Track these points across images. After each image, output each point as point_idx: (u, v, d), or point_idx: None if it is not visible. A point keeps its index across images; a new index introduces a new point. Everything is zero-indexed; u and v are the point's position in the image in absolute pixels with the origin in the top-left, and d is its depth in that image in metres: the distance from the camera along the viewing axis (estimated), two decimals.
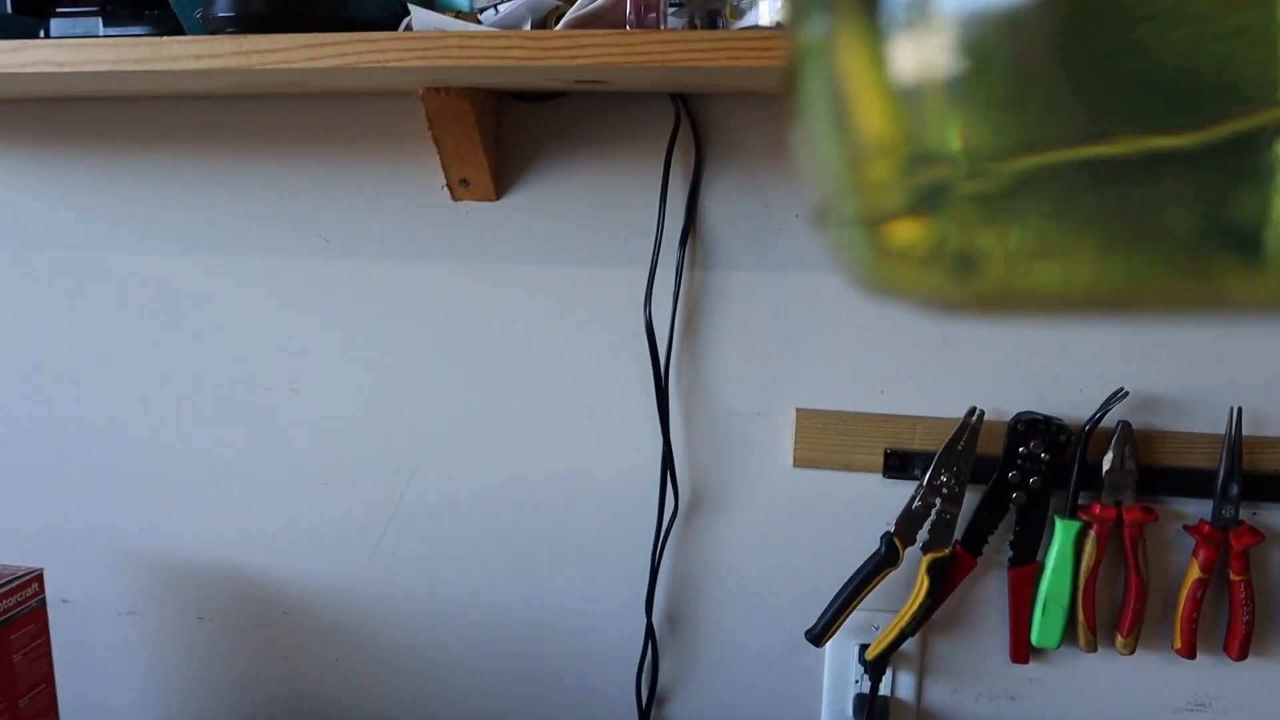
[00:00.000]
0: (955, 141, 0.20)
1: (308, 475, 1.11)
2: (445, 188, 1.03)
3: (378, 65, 0.73)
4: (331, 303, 1.07)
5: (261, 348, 1.09)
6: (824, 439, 1.01)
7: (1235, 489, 0.96)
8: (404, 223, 1.04)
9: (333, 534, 1.12)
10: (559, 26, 0.73)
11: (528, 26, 0.74)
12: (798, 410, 1.01)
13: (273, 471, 1.11)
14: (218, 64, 0.76)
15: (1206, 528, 0.96)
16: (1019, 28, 0.18)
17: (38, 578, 1.02)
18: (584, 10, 0.72)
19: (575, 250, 1.02)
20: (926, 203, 0.21)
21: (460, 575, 1.10)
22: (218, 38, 0.75)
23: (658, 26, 0.72)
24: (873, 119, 0.22)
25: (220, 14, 0.76)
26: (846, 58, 0.22)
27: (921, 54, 0.20)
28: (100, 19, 0.97)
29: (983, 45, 0.19)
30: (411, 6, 0.77)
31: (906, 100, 0.20)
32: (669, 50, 0.68)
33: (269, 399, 1.10)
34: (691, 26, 0.76)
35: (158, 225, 1.09)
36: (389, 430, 1.09)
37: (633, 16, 0.72)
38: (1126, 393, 0.97)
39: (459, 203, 1.03)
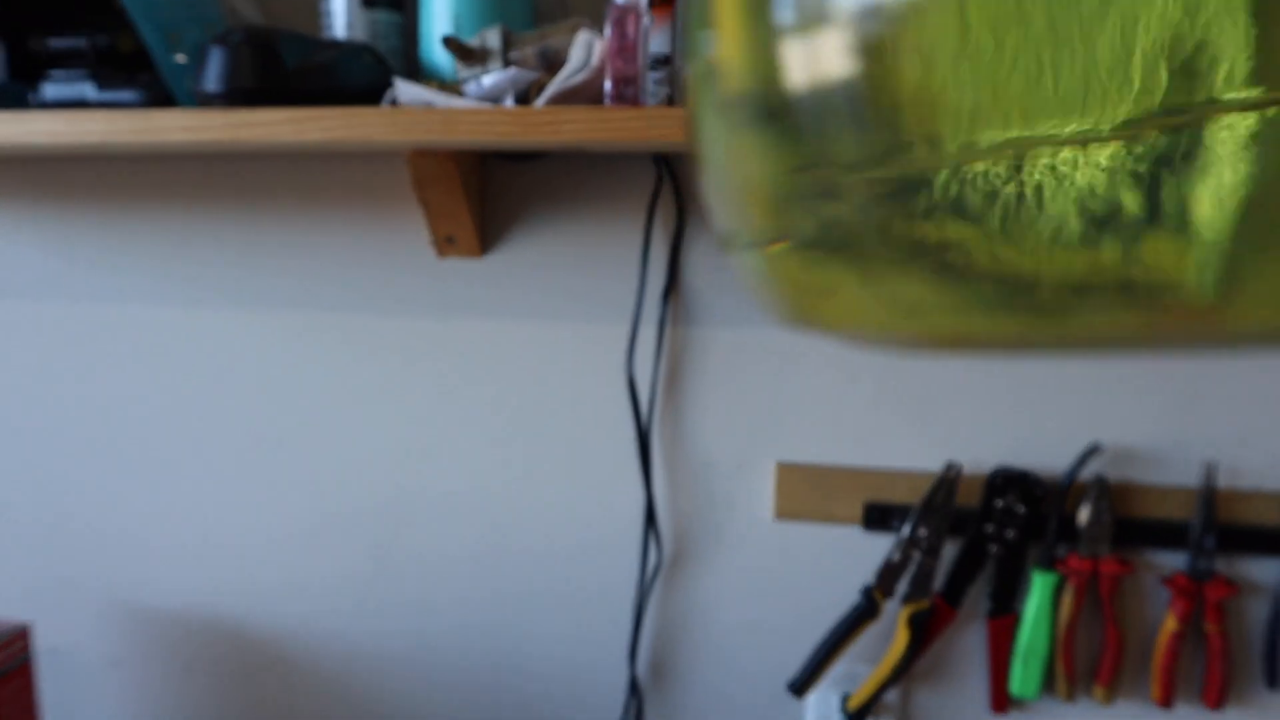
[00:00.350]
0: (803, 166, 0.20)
1: (295, 528, 1.12)
2: (431, 245, 1.04)
3: (364, 140, 0.75)
4: (318, 357, 1.08)
5: (249, 401, 1.10)
6: (805, 492, 1.03)
7: (1210, 541, 0.97)
8: (390, 279, 1.06)
9: (319, 586, 1.12)
10: (540, 100, 0.75)
11: (510, 99, 0.75)
12: (779, 464, 1.03)
13: (260, 524, 1.12)
14: (207, 136, 0.77)
15: (1182, 580, 0.98)
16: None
17: (24, 634, 1.02)
18: (564, 85, 0.74)
19: (559, 306, 1.04)
20: (790, 231, 0.21)
21: (446, 627, 1.11)
22: (207, 111, 0.77)
23: (637, 100, 0.74)
24: (744, 151, 0.22)
25: (210, 89, 0.78)
26: (706, 96, 0.23)
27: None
28: (92, 82, 0.98)
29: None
30: (397, 80, 0.79)
31: (770, 130, 0.20)
32: (649, 127, 0.70)
33: (256, 451, 1.11)
34: (671, 95, 0.78)
35: (146, 280, 1.10)
36: (375, 483, 1.10)
37: (613, 91, 0.74)
38: (1100, 448, 0.98)
39: (445, 259, 1.05)
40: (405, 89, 0.77)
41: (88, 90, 0.98)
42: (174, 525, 1.14)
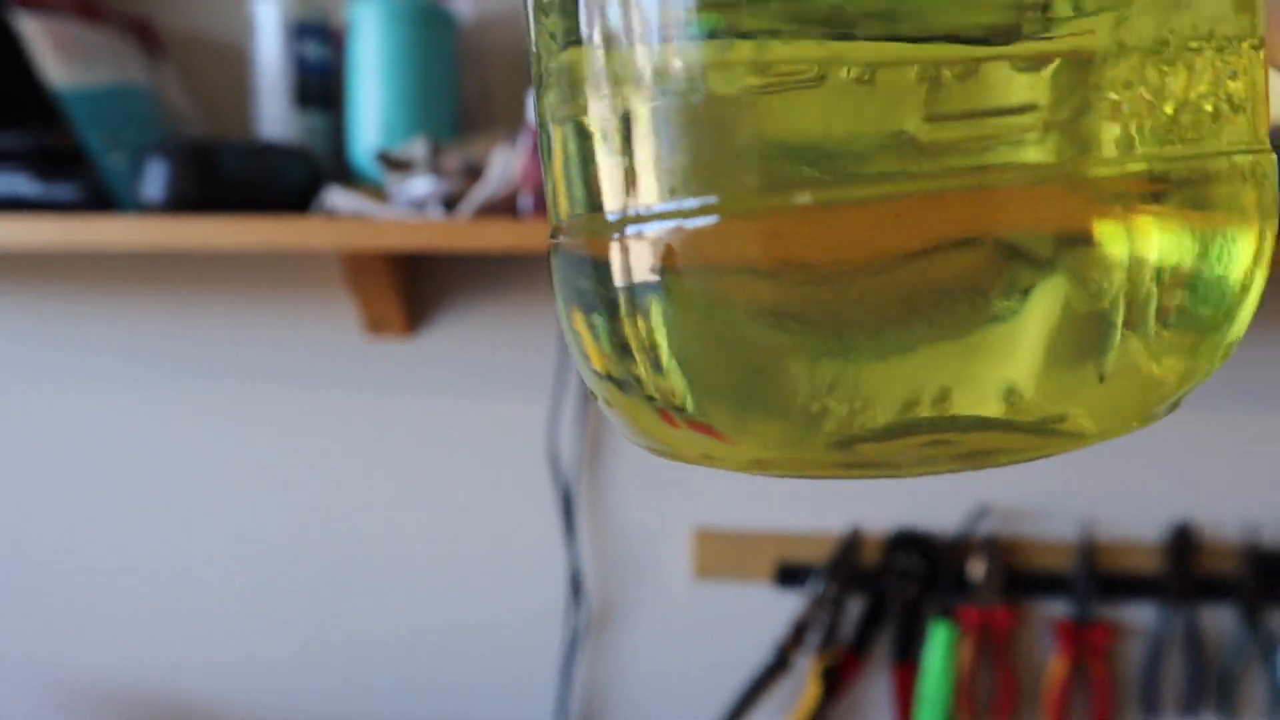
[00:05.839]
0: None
1: (227, 605, 1.15)
2: (360, 326, 1.10)
3: (300, 245, 0.80)
4: (248, 435, 1.13)
5: (181, 478, 1.14)
6: (721, 554, 1.10)
7: (1091, 589, 1.06)
8: (321, 359, 1.11)
9: (253, 663, 1.16)
10: (461, 208, 0.81)
11: (437, 207, 0.82)
12: (696, 528, 1.09)
13: (192, 601, 1.16)
14: (150, 242, 0.82)
15: (1067, 626, 1.06)
16: None
17: None
18: (486, 195, 0.80)
19: (484, 384, 1.10)
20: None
21: (374, 699, 1.15)
22: (150, 219, 0.82)
23: None
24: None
25: (152, 197, 0.83)
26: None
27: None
28: (30, 175, 1.01)
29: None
30: (330, 187, 0.85)
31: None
32: None
33: (189, 528, 1.15)
34: None
35: (76, 360, 1.14)
36: (306, 560, 1.14)
37: (533, 200, 0.81)
38: (989, 509, 1.07)
39: (373, 341, 1.10)
40: (338, 198, 0.83)
41: (23, 185, 1.01)
42: (107, 602, 1.17)
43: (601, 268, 0.18)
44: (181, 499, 1.15)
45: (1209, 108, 0.19)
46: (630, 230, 0.18)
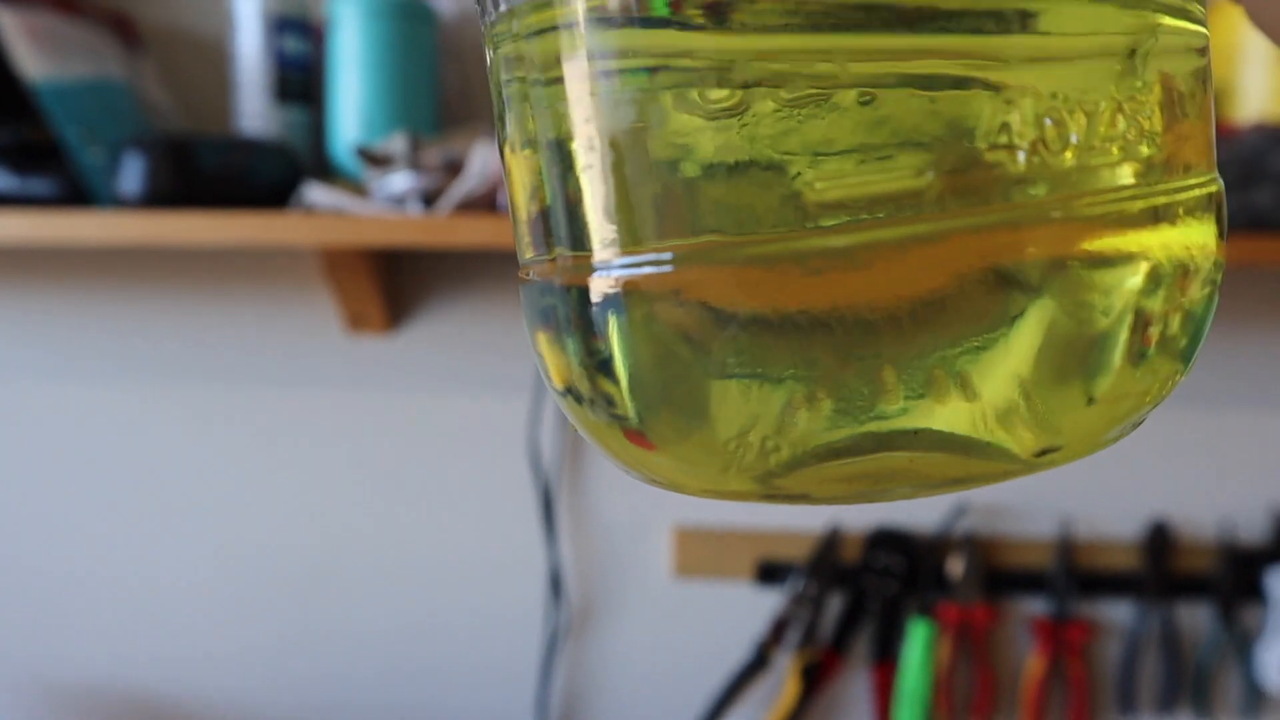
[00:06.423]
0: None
1: (208, 601, 1.15)
2: (341, 322, 1.09)
3: (279, 241, 0.80)
4: (229, 431, 1.12)
5: (162, 474, 1.13)
6: (701, 552, 1.10)
7: (1069, 587, 1.07)
8: (301, 355, 1.11)
9: (234, 660, 1.15)
10: (441, 204, 0.81)
11: (417, 203, 0.82)
12: (677, 526, 1.09)
13: (173, 597, 1.15)
14: (127, 238, 0.82)
15: (1045, 623, 1.07)
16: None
17: None
18: (466, 191, 0.80)
19: (465, 380, 1.10)
20: None
21: (356, 696, 1.15)
22: (127, 214, 0.82)
23: None
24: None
25: (129, 191, 0.82)
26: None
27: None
28: (5, 169, 1.00)
29: None
30: (309, 183, 0.84)
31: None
32: None
33: (169, 524, 1.14)
34: None
35: (56, 356, 1.13)
36: (286, 556, 1.14)
37: None
38: (968, 507, 1.07)
39: (354, 337, 1.10)
40: (317, 193, 0.82)
41: (0, 179, 1.00)
42: (87, 598, 1.16)
43: (564, 294, 0.20)
44: (160, 495, 1.14)
45: (1176, 140, 0.19)
46: (606, 268, 0.19)
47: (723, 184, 0.17)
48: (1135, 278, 0.19)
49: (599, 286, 0.19)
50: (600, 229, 0.19)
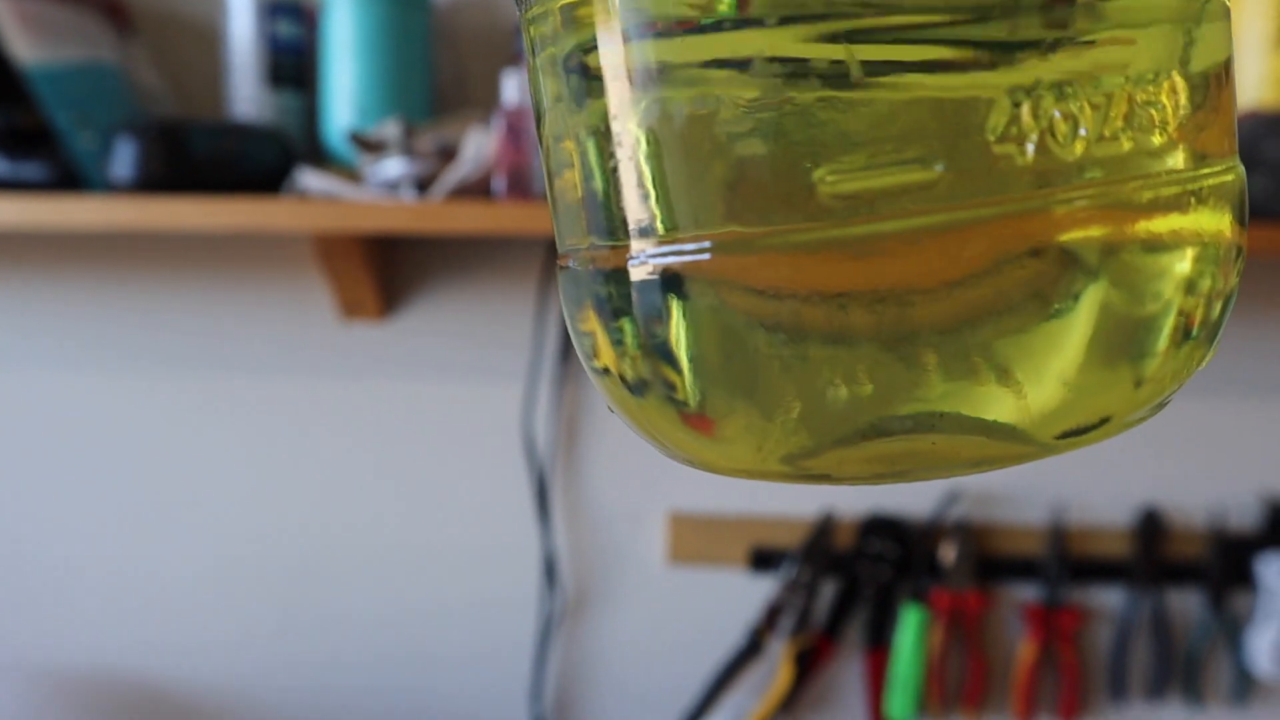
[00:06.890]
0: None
1: (201, 587, 1.15)
2: (334, 310, 1.09)
3: (271, 227, 0.80)
4: (223, 419, 1.12)
5: (156, 461, 1.13)
6: (695, 539, 1.10)
7: (1061, 574, 1.07)
8: (295, 343, 1.10)
9: (227, 645, 1.16)
10: (435, 190, 0.81)
11: (411, 189, 0.81)
12: (670, 512, 1.10)
13: (166, 583, 1.15)
14: (119, 223, 0.81)
15: (1037, 609, 1.07)
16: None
17: None
18: (460, 177, 0.80)
19: (459, 367, 1.10)
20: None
21: (352, 682, 1.15)
22: (120, 199, 0.81)
23: (528, 190, 0.81)
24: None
25: (121, 176, 0.82)
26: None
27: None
28: None
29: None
30: (302, 169, 0.84)
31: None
32: (535, 221, 0.77)
33: (163, 511, 1.14)
34: None
35: (50, 344, 1.13)
36: (280, 542, 1.14)
37: (506, 183, 0.80)
38: (961, 494, 1.08)
39: (347, 324, 1.10)
40: (310, 179, 0.82)
41: None
42: (80, 585, 1.16)
43: (618, 281, 0.20)
44: (153, 482, 1.14)
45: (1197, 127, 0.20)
46: (645, 256, 0.19)
47: (787, 170, 0.18)
48: (1184, 262, 0.19)
49: (662, 271, 0.19)
50: (672, 213, 0.19)
